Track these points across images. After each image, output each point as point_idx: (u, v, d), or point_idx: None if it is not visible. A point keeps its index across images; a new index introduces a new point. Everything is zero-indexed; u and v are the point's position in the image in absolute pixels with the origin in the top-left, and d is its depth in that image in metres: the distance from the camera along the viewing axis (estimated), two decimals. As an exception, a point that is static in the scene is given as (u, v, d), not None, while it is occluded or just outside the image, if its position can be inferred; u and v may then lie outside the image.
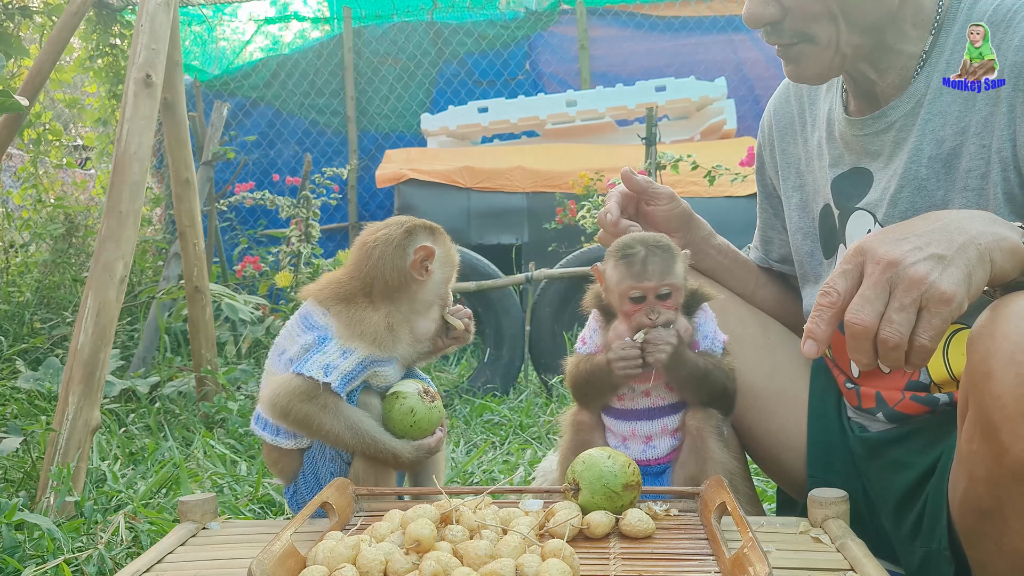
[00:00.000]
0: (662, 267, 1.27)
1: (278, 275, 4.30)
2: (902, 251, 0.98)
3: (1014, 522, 1.03)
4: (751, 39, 6.33)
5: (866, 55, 1.27)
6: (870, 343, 0.97)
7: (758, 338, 1.52)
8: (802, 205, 1.51)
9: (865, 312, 0.97)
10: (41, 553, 1.72)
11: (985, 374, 0.99)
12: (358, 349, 1.34)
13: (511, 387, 3.72)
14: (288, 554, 0.98)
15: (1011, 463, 0.98)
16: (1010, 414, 0.96)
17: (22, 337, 4.26)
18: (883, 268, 0.97)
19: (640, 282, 1.27)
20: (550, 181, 5.02)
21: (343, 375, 1.32)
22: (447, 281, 1.45)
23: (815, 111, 1.49)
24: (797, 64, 1.28)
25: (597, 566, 1.03)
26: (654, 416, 1.33)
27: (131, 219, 2.29)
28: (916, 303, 0.96)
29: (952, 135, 1.24)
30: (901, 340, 0.96)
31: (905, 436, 1.33)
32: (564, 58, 6.52)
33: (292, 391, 1.31)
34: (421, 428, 1.37)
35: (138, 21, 2.51)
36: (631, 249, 1.29)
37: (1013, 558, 1.06)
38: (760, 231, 1.68)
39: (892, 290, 0.97)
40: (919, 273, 0.96)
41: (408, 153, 5.66)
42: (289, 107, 6.57)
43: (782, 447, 1.48)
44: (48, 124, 4.92)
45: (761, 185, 1.66)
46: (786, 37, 1.25)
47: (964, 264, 0.97)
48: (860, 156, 1.36)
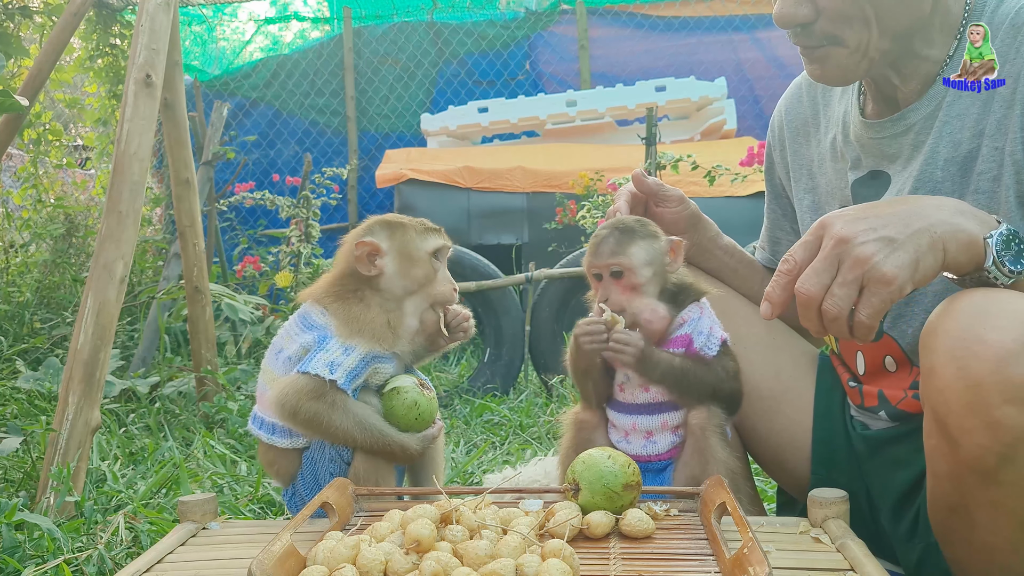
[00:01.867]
0: (614, 246, 1.30)
1: (278, 275, 4.29)
2: (855, 230, 1.02)
3: (978, 516, 1.05)
4: (751, 39, 6.33)
5: (892, 61, 1.26)
6: (815, 312, 1.03)
7: (763, 337, 1.52)
8: (814, 207, 1.50)
9: (811, 283, 1.03)
10: (41, 553, 1.72)
11: (929, 370, 1.03)
12: (359, 345, 1.34)
13: (511, 387, 3.72)
14: (288, 554, 0.98)
15: (965, 457, 1.01)
16: (955, 409, 0.99)
17: (22, 337, 4.26)
18: (835, 243, 1.02)
19: (593, 260, 1.32)
20: (550, 181, 5.02)
21: (348, 371, 1.32)
22: (405, 276, 1.40)
23: (829, 112, 1.47)
24: (822, 65, 1.26)
25: (597, 566, 1.03)
26: (654, 411, 1.33)
27: (131, 219, 2.29)
28: (858, 281, 1.01)
29: (969, 138, 1.23)
30: (840, 313, 1.01)
31: (905, 435, 1.33)
32: (564, 58, 6.52)
33: (300, 390, 1.31)
34: (425, 420, 1.38)
35: (138, 21, 2.51)
36: (598, 232, 1.33)
37: (984, 553, 1.07)
38: (767, 231, 1.68)
39: (839, 266, 1.02)
40: (865, 253, 1.00)
41: (408, 153, 5.66)
42: (289, 107, 6.57)
43: (786, 446, 1.48)
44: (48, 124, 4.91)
45: (770, 185, 1.65)
46: (815, 39, 1.23)
47: (913, 249, 1.01)
48: (878, 159, 1.35)
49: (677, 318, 1.33)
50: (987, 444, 0.97)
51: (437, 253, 1.42)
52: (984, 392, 0.96)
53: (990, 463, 0.98)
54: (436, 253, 1.42)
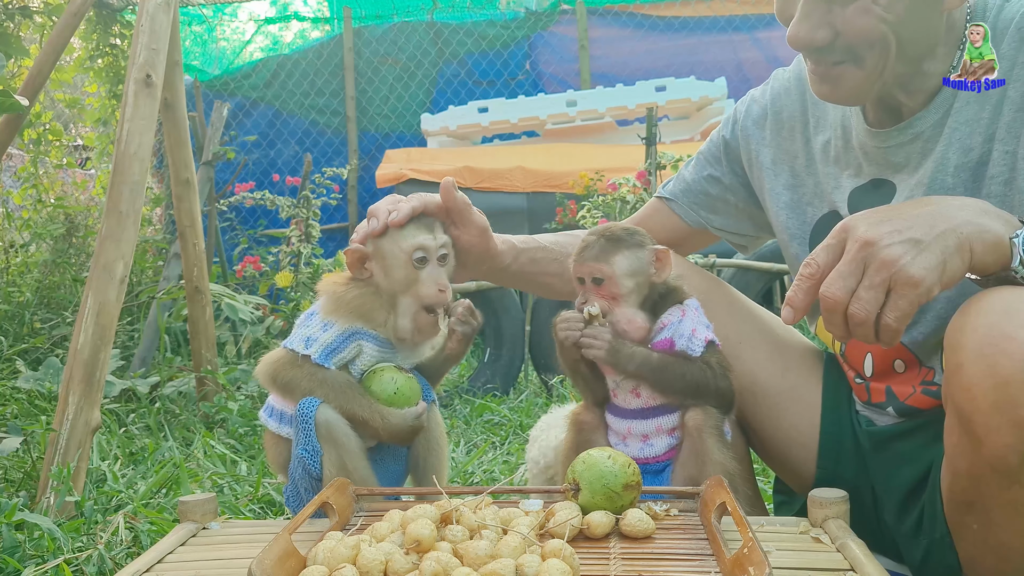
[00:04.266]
0: (596, 254, 1.31)
1: (278, 275, 4.29)
2: (881, 232, 1.01)
3: (996, 514, 1.04)
4: (751, 39, 6.33)
5: (903, 83, 1.25)
6: (841, 316, 1.02)
7: (769, 336, 1.51)
8: (793, 206, 1.46)
9: (837, 286, 1.01)
10: (41, 553, 1.72)
11: (956, 367, 1.02)
12: (338, 321, 1.36)
13: (511, 387, 3.72)
14: (288, 554, 0.98)
15: (988, 455, 1.00)
16: (981, 406, 0.98)
17: (22, 337, 4.26)
18: (860, 246, 1.01)
19: (576, 264, 1.33)
20: (550, 181, 5.02)
21: (323, 346, 1.35)
22: (388, 278, 1.37)
23: (820, 113, 1.45)
24: (834, 86, 1.23)
25: (597, 566, 1.03)
26: (648, 415, 1.33)
27: (131, 219, 2.29)
28: (885, 284, 1.00)
29: (980, 143, 1.22)
30: (867, 317, 1.00)
31: (911, 431, 1.33)
32: (564, 58, 6.52)
33: (277, 360, 1.37)
34: (404, 396, 1.36)
35: (138, 21, 2.51)
36: (587, 237, 1.34)
37: (999, 552, 1.07)
38: (690, 191, 1.60)
39: (865, 269, 1.01)
40: (892, 255, 0.99)
41: (408, 153, 5.67)
42: (289, 107, 6.58)
43: (792, 444, 1.48)
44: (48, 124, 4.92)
45: (726, 163, 1.57)
46: (834, 57, 1.20)
47: (940, 251, 1.00)
48: (882, 168, 1.33)
49: (657, 323, 1.33)
50: (1012, 443, 0.96)
51: (419, 252, 1.36)
52: (1012, 390, 0.95)
53: (1013, 463, 0.97)
54: (418, 252, 1.35)
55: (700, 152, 1.62)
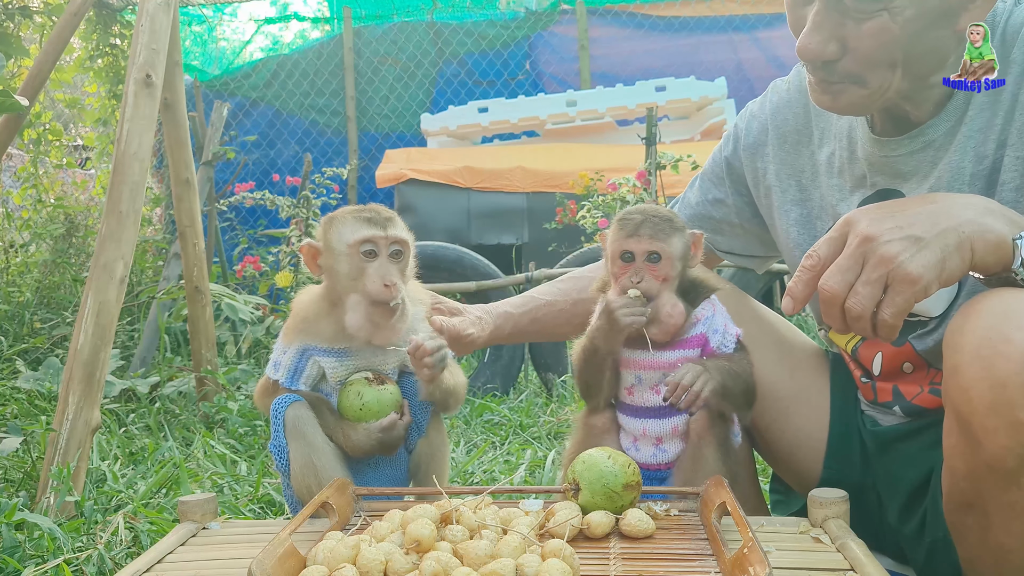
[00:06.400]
0: (654, 231, 1.26)
1: (278, 275, 4.30)
2: (882, 228, 1.01)
3: (995, 516, 1.04)
4: (751, 39, 6.33)
5: (909, 96, 1.23)
6: (838, 309, 1.03)
7: (776, 338, 1.51)
8: (803, 221, 1.44)
9: (835, 280, 1.02)
10: (41, 553, 1.72)
11: (954, 368, 1.02)
12: (292, 342, 1.38)
13: (511, 387, 3.71)
14: (288, 554, 0.98)
15: (986, 457, 1.00)
16: (977, 408, 0.99)
17: (22, 337, 4.26)
18: (860, 241, 1.02)
19: (629, 240, 1.27)
20: (550, 181, 5.02)
21: (287, 370, 1.37)
22: (334, 272, 1.35)
23: (824, 123, 1.42)
24: (835, 98, 1.21)
25: (597, 566, 1.03)
26: (664, 415, 1.30)
27: (131, 219, 2.29)
28: (883, 280, 1.00)
29: (993, 149, 1.21)
30: (863, 312, 1.01)
31: (916, 431, 1.33)
32: (564, 58, 6.52)
33: (259, 388, 1.44)
34: (372, 410, 1.35)
35: (138, 21, 2.51)
36: (631, 214, 1.29)
37: (997, 553, 1.07)
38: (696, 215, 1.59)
39: (864, 264, 1.01)
40: (890, 252, 1.00)
41: (408, 153, 5.67)
42: (289, 107, 6.58)
43: (799, 445, 1.48)
44: (48, 124, 4.92)
45: (730, 183, 1.56)
46: (836, 76, 1.18)
47: (940, 249, 1.00)
48: (890, 177, 1.31)
49: (691, 316, 1.30)
50: (1009, 445, 0.96)
51: (366, 244, 1.32)
52: (1009, 392, 0.95)
53: (1011, 464, 0.98)
54: (365, 244, 1.32)
55: (702, 173, 1.62)
